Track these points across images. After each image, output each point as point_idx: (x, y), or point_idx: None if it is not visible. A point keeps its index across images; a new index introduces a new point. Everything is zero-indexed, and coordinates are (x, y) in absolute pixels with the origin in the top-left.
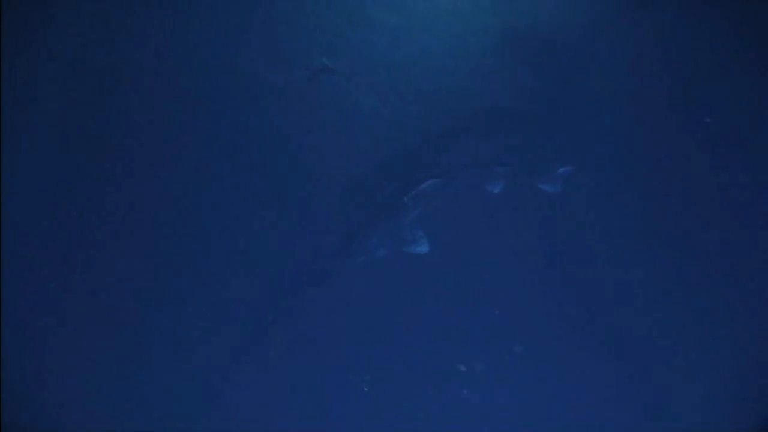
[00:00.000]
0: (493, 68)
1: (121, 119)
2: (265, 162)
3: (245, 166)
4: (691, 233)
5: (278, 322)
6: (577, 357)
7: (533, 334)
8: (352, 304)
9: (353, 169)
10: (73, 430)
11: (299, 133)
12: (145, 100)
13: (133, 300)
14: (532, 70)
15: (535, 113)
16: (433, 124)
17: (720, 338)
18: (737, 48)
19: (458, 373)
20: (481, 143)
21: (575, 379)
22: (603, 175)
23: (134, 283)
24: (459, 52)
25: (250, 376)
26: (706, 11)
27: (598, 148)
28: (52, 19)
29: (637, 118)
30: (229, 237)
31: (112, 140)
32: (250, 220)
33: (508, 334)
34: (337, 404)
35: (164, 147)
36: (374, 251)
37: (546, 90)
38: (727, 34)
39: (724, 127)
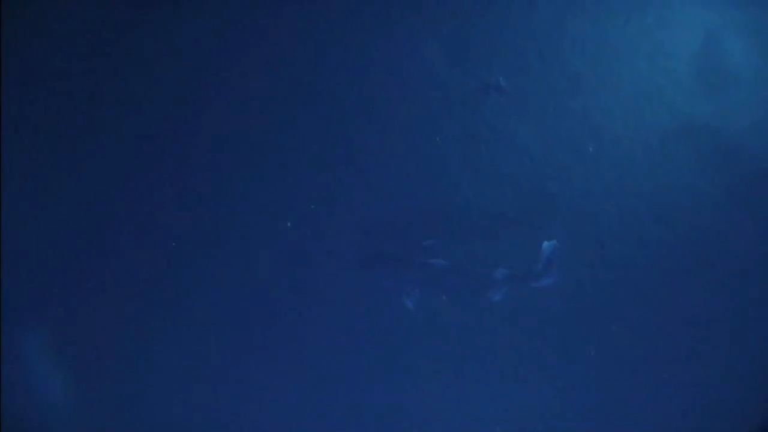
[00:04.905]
0: (659, 152)
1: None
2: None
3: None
4: None
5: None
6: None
7: None
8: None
9: (440, 196)
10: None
11: (432, 138)
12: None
13: (142, 300)
14: (699, 173)
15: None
16: (571, 186)
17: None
18: None
19: None
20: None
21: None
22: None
23: (142, 283)
24: (632, 122)
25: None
26: None
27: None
28: (55, 18)
29: None
30: (245, 234)
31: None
32: (272, 218)
33: None
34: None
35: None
36: (375, 282)
37: (708, 198)
38: None
39: None
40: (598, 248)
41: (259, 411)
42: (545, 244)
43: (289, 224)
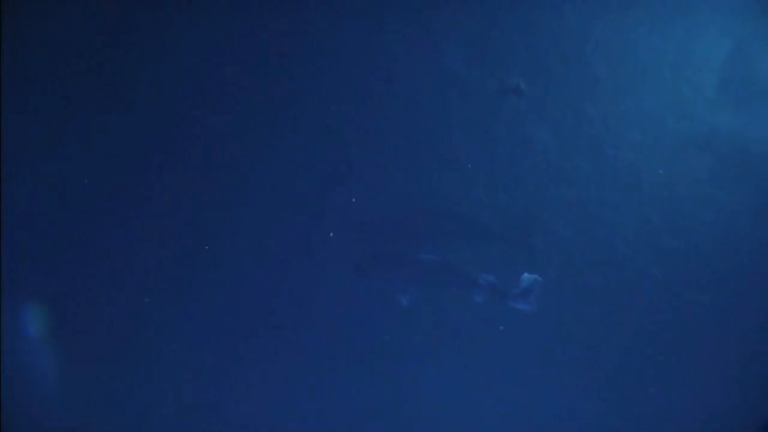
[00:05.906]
0: (679, 162)
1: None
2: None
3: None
4: None
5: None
6: None
7: None
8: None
9: (447, 200)
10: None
11: (448, 139)
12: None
13: (142, 299)
14: (718, 185)
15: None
16: (587, 193)
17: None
18: None
19: None
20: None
21: None
22: None
23: (142, 282)
24: (652, 131)
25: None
26: None
27: None
28: (55, 18)
29: None
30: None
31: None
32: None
33: None
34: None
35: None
36: (373, 280)
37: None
38: None
39: None
40: (611, 256)
41: (257, 407)
42: (525, 276)
43: (331, 234)
